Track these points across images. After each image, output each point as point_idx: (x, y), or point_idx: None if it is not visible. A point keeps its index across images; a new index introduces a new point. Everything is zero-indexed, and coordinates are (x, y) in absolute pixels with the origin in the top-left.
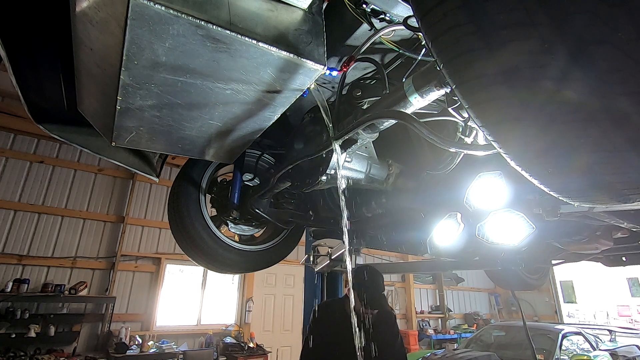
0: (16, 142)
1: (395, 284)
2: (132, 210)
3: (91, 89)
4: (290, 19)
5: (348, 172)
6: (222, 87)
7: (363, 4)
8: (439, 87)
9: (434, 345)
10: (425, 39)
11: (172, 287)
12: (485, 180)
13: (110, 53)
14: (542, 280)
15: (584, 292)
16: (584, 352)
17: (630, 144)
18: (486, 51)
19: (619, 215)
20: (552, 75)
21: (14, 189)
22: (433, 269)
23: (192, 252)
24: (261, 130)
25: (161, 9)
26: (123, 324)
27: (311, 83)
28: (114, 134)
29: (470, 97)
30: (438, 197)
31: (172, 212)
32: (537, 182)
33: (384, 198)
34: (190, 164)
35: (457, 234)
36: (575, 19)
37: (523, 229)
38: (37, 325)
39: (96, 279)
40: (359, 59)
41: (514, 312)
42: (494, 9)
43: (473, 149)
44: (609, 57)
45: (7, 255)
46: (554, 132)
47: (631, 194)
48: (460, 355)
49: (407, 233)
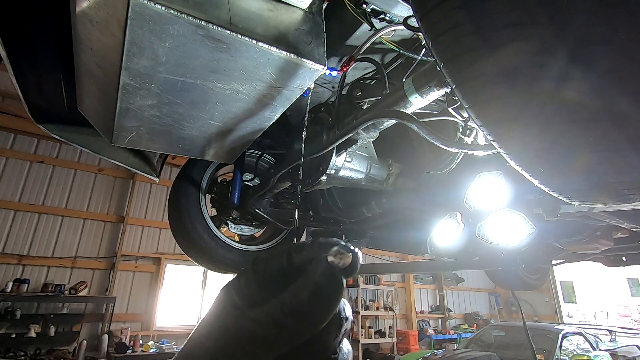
0: (16, 142)
1: (395, 284)
2: (132, 210)
3: (91, 89)
4: (290, 19)
5: (348, 172)
6: (222, 87)
7: (363, 4)
8: (439, 87)
9: (434, 345)
10: (425, 39)
11: (172, 287)
12: (485, 180)
13: (110, 53)
14: (542, 280)
15: (584, 292)
16: (584, 352)
17: (630, 144)
18: (486, 51)
19: (619, 215)
20: (552, 75)
21: (14, 189)
22: (433, 269)
23: (192, 252)
24: (261, 130)
25: (161, 9)
26: (123, 324)
27: (311, 83)
28: (114, 134)
29: (470, 97)
30: (438, 197)
31: (172, 212)
32: (537, 182)
33: (384, 198)
34: (190, 164)
35: (457, 234)
36: (575, 19)
37: (523, 229)
38: (37, 325)
39: (96, 279)
40: (359, 59)
41: (514, 312)
42: (494, 9)
43: (473, 149)
44: (609, 57)
45: (7, 255)
46: (554, 132)
47: (631, 194)
48: (460, 355)
49: (407, 233)
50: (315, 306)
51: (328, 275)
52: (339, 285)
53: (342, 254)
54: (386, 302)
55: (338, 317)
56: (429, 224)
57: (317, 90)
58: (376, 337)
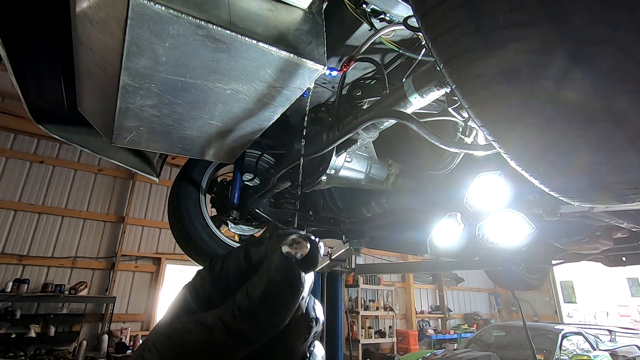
0: (16, 142)
1: (395, 284)
2: (132, 210)
3: (91, 89)
4: (290, 19)
5: (348, 172)
6: (222, 87)
7: (363, 4)
8: (439, 87)
9: (434, 345)
10: (425, 39)
11: (172, 287)
12: (485, 180)
13: (110, 53)
14: (542, 280)
15: (584, 292)
16: (584, 352)
17: (630, 144)
18: (486, 51)
19: (619, 215)
20: (552, 75)
21: (14, 189)
22: (433, 269)
23: (192, 252)
24: (261, 130)
25: (161, 9)
26: (123, 324)
27: (311, 83)
28: (114, 134)
29: (470, 96)
30: (438, 197)
31: (172, 212)
32: (537, 182)
33: (384, 198)
34: (190, 164)
35: (457, 234)
36: (575, 19)
37: (523, 229)
38: (37, 325)
39: (96, 279)
40: (359, 59)
41: (514, 312)
42: (494, 9)
43: (473, 149)
44: (609, 57)
45: (7, 255)
46: (554, 132)
47: (631, 194)
48: (460, 355)
49: (407, 233)
50: (270, 306)
51: (282, 268)
52: (295, 280)
53: (299, 243)
54: (386, 302)
55: (307, 317)
56: (429, 224)
57: (317, 90)
58: (376, 337)
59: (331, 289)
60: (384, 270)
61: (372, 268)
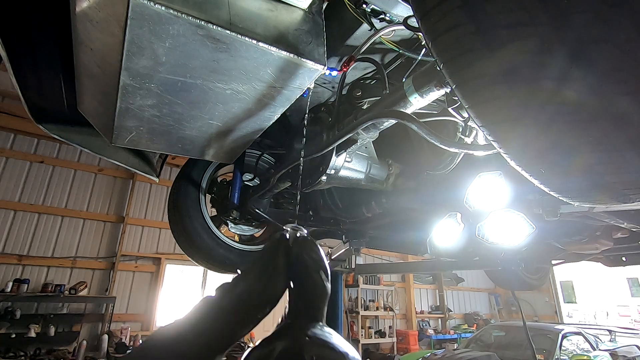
0: (16, 142)
1: (395, 284)
2: (132, 210)
3: (91, 89)
4: (290, 19)
5: (348, 172)
6: (222, 87)
7: (363, 4)
8: (439, 87)
9: (434, 345)
10: (425, 39)
11: (172, 287)
12: (485, 180)
13: (110, 53)
14: (542, 280)
15: (584, 292)
16: (584, 352)
17: (630, 144)
18: (486, 51)
19: (619, 215)
20: (552, 75)
21: (14, 189)
22: (433, 269)
23: (192, 252)
24: (261, 130)
25: (161, 9)
26: (123, 324)
27: (311, 83)
28: (114, 134)
29: (470, 97)
30: (438, 197)
31: (172, 212)
32: (537, 182)
33: (384, 198)
34: (190, 164)
35: (457, 234)
36: (575, 19)
37: (523, 229)
38: (37, 325)
39: (96, 279)
40: (359, 59)
41: (514, 312)
42: (494, 9)
43: (473, 149)
44: (609, 57)
45: (7, 255)
46: (554, 132)
47: (631, 194)
48: (460, 355)
49: (407, 233)
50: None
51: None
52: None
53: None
54: (386, 302)
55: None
56: (429, 224)
57: (317, 90)
58: (376, 337)
59: (331, 289)
60: (384, 270)
61: (372, 268)
